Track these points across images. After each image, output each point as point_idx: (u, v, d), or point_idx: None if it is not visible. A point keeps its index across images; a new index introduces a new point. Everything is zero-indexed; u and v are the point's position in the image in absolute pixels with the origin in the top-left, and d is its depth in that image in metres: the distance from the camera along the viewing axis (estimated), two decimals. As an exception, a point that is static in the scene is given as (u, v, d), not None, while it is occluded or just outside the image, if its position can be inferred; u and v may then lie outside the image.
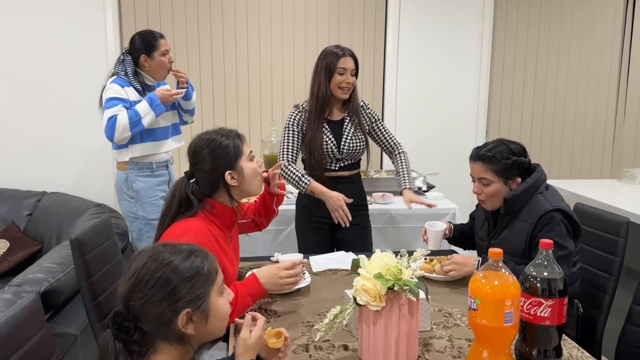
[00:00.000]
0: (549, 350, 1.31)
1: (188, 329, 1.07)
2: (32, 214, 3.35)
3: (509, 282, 1.24)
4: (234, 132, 1.75)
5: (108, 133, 2.70)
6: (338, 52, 2.48)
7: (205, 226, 1.65)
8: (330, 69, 2.46)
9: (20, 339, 1.24)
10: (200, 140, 1.72)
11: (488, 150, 1.92)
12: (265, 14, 3.74)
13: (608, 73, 4.16)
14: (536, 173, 1.92)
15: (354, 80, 2.51)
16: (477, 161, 1.94)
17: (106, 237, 1.91)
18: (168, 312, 1.05)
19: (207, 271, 1.11)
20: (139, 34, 2.83)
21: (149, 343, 1.07)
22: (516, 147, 1.95)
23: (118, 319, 1.05)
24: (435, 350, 1.47)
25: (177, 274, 1.07)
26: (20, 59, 3.50)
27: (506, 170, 1.89)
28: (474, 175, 1.97)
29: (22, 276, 2.10)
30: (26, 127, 3.57)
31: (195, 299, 1.07)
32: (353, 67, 2.48)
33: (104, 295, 1.78)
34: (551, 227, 1.82)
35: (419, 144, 3.91)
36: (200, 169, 1.69)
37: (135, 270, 1.07)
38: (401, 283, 1.32)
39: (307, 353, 1.46)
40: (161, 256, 1.08)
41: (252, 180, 1.74)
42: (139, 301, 1.04)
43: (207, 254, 1.14)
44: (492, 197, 1.93)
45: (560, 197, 1.93)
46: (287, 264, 1.71)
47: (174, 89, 2.91)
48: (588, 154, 4.25)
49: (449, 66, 3.91)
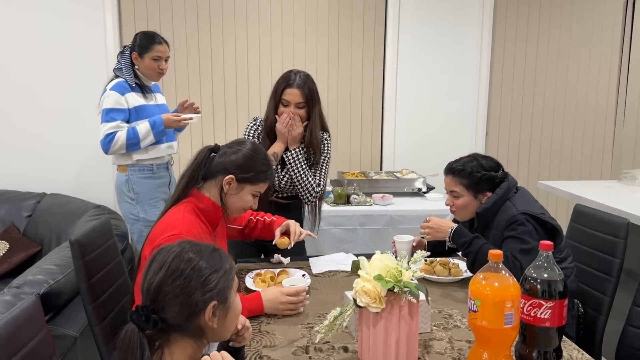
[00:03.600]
0: (549, 352, 1.31)
1: (213, 322, 1.10)
2: (31, 216, 3.35)
3: (509, 283, 1.24)
4: (272, 170, 1.80)
5: (104, 147, 2.75)
6: (289, 79, 2.27)
7: (193, 218, 1.67)
8: (276, 96, 2.29)
9: (21, 341, 1.24)
10: (256, 145, 1.80)
11: (460, 165, 1.97)
12: (265, 14, 3.74)
13: (608, 74, 4.17)
14: (505, 183, 1.95)
15: (301, 113, 2.27)
16: (448, 174, 2.00)
17: (106, 238, 1.91)
18: (200, 302, 1.08)
19: (229, 268, 1.15)
20: (142, 33, 2.87)
21: (165, 336, 1.10)
22: (488, 162, 1.99)
23: (144, 311, 1.07)
24: (435, 352, 1.47)
25: (207, 266, 1.11)
26: (21, 60, 3.51)
27: (475, 184, 1.94)
28: (446, 187, 2.03)
29: (21, 278, 2.10)
30: (26, 128, 3.57)
31: (221, 292, 1.11)
32: (299, 101, 2.25)
33: (104, 296, 1.78)
34: (513, 227, 1.85)
35: (419, 145, 3.91)
36: (224, 153, 1.72)
37: (162, 263, 1.10)
38: (401, 285, 1.32)
39: (307, 355, 1.46)
40: (189, 252, 1.12)
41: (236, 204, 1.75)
42: (168, 293, 1.07)
43: (225, 254, 1.18)
44: (462, 210, 2.00)
45: (530, 198, 1.96)
46: (291, 291, 1.71)
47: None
48: (588, 155, 4.25)
49: (448, 67, 3.91)
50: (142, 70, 2.86)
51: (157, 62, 2.84)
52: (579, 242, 2.15)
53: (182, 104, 2.97)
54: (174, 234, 1.55)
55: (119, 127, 2.73)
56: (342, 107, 3.90)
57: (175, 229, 1.58)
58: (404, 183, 3.44)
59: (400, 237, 2.09)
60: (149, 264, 1.13)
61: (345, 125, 3.93)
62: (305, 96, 2.26)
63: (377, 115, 3.95)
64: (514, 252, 1.80)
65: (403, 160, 3.92)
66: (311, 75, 2.33)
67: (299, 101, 2.26)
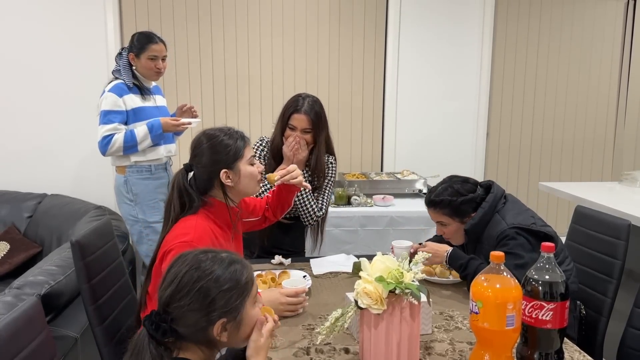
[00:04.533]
0: (550, 354, 1.30)
1: (222, 337, 1.11)
2: (32, 216, 3.35)
3: (510, 285, 1.23)
4: (240, 133, 1.75)
5: (101, 149, 2.76)
6: (296, 104, 2.28)
7: (206, 224, 1.66)
8: (283, 119, 2.30)
9: (21, 342, 1.24)
10: (203, 134, 1.73)
11: (436, 196, 1.96)
12: (266, 16, 3.74)
13: (608, 76, 4.17)
14: (490, 195, 1.94)
15: (307, 138, 2.28)
16: (429, 207, 2.00)
17: (107, 239, 1.91)
18: (204, 321, 1.08)
19: (245, 282, 1.13)
20: (138, 33, 2.88)
21: (178, 343, 1.10)
22: (462, 186, 1.97)
23: (155, 319, 1.07)
24: (436, 353, 1.47)
25: (218, 284, 1.09)
26: (22, 61, 3.50)
27: (457, 210, 1.94)
28: (432, 219, 2.03)
29: (22, 279, 2.10)
30: (26, 129, 3.56)
31: (231, 311, 1.11)
32: (306, 127, 2.26)
33: (104, 297, 1.77)
34: (505, 242, 1.83)
35: (420, 146, 3.91)
36: (198, 162, 1.70)
37: (175, 276, 1.10)
38: (402, 286, 1.32)
39: (308, 356, 1.45)
40: (203, 265, 1.10)
41: (248, 183, 1.74)
42: (178, 307, 1.08)
43: (245, 264, 1.16)
44: (454, 235, 1.99)
45: (519, 208, 1.95)
46: (290, 292, 1.71)
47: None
48: (589, 156, 4.25)
49: (449, 68, 3.91)
50: (140, 70, 2.86)
51: (154, 62, 2.84)
52: (580, 243, 2.14)
53: (180, 107, 2.97)
54: (185, 240, 1.55)
55: (116, 130, 2.73)
56: (343, 108, 3.90)
57: (186, 235, 1.58)
58: (404, 184, 3.44)
59: (399, 243, 2.09)
60: (166, 272, 1.13)
61: (346, 126, 3.93)
62: (312, 122, 2.27)
63: (377, 117, 3.95)
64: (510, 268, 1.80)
65: (404, 161, 3.92)
66: (319, 100, 2.34)
67: (306, 127, 2.27)
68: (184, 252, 1.15)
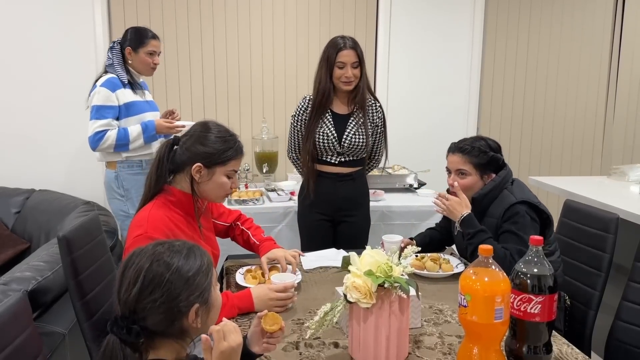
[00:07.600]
0: (539, 347, 1.31)
1: (197, 322, 1.09)
2: (20, 212, 3.32)
3: (499, 278, 1.24)
4: (239, 145, 1.73)
5: (92, 144, 2.72)
6: (338, 44, 2.42)
7: (162, 213, 1.64)
8: (330, 62, 2.43)
9: (6, 338, 1.23)
10: (210, 122, 1.74)
11: (468, 144, 1.99)
12: (256, 9, 3.72)
13: (598, 71, 4.19)
14: (503, 171, 1.99)
15: (356, 73, 2.44)
16: (456, 152, 2.01)
17: (94, 235, 1.89)
18: (182, 308, 1.06)
19: (207, 265, 1.13)
20: (134, 28, 2.85)
21: (150, 342, 1.08)
22: (493, 143, 2.03)
23: (124, 323, 1.04)
24: (425, 347, 1.47)
25: (184, 272, 1.08)
26: (9, 55, 3.46)
27: (483, 164, 1.97)
28: (452, 167, 2.04)
29: (9, 274, 2.07)
30: (14, 124, 3.52)
31: (202, 294, 1.09)
32: (354, 60, 2.42)
33: (92, 293, 1.76)
34: (514, 219, 1.87)
35: (410, 141, 3.91)
36: (186, 142, 1.69)
37: (138, 273, 1.06)
38: (391, 280, 1.32)
39: (297, 351, 1.45)
40: (163, 257, 1.08)
41: (214, 189, 1.72)
42: (148, 304, 1.04)
43: (200, 249, 1.15)
44: (465, 190, 2.00)
45: (526, 189, 1.99)
46: (279, 287, 1.70)
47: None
48: (578, 151, 4.28)
49: (440, 63, 3.92)
50: (135, 65, 2.83)
51: (152, 57, 2.83)
52: (569, 237, 2.15)
53: (168, 112, 2.94)
54: (140, 234, 1.55)
55: (109, 126, 2.70)
56: (334, 103, 3.89)
57: (140, 228, 1.58)
58: (395, 179, 3.45)
59: (389, 237, 2.09)
60: (122, 272, 1.09)
61: (337, 121, 3.91)
62: (358, 56, 2.42)
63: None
64: (513, 252, 1.81)
65: (394, 156, 3.89)
66: None
67: (354, 61, 2.41)
68: (137, 250, 1.12)
